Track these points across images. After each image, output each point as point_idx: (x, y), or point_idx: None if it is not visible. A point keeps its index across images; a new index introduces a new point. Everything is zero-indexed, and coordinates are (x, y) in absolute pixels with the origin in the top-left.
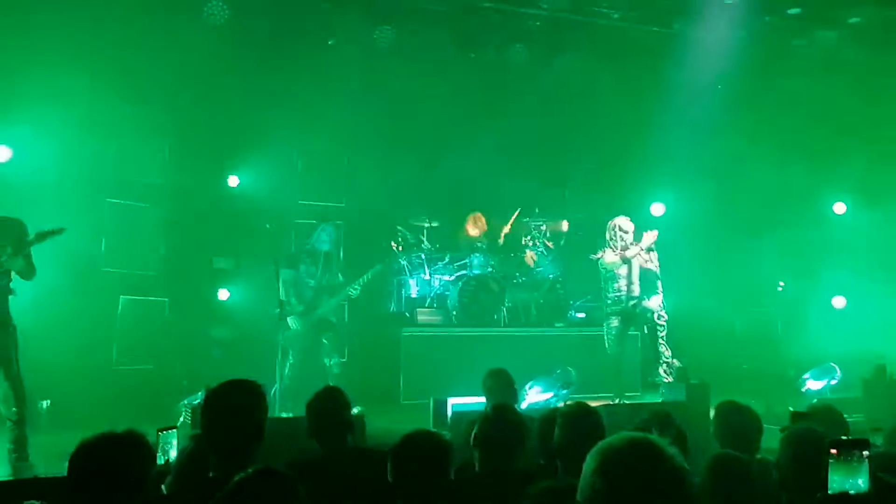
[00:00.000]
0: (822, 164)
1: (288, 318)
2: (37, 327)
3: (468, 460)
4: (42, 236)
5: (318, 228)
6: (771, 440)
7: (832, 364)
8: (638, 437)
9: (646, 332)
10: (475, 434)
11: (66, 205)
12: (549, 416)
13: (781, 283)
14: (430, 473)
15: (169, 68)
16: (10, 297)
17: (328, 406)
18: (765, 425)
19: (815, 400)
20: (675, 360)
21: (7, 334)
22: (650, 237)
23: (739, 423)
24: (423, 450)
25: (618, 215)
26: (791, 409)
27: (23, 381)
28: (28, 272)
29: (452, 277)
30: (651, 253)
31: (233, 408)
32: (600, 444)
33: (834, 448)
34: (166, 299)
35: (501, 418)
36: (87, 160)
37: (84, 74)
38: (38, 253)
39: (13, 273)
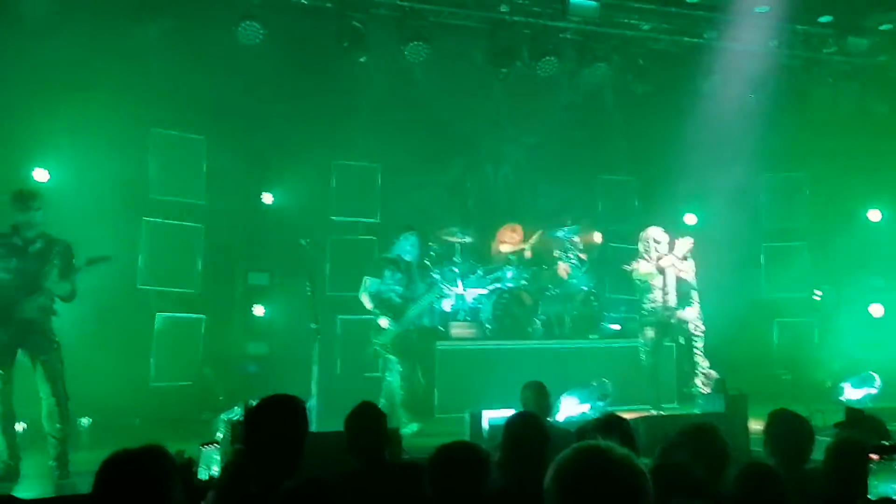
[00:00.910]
0: (857, 171)
1: (379, 320)
2: (76, 345)
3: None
4: (90, 263)
5: (400, 237)
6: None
7: (871, 373)
8: (586, 444)
9: (682, 342)
10: (501, 443)
11: (105, 224)
12: (585, 429)
13: (818, 292)
14: (469, 485)
15: (205, 88)
16: (53, 318)
17: (365, 421)
18: None
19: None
20: (712, 371)
21: (52, 352)
22: (684, 245)
23: (791, 433)
24: (461, 461)
25: (651, 226)
26: (833, 422)
27: (67, 398)
28: (70, 296)
29: (486, 291)
30: (686, 262)
31: (275, 423)
32: (556, 458)
33: (875, 453)
34: (203, 316)
35: (525, 425)
36: (125, 180)
37: (121, 96)
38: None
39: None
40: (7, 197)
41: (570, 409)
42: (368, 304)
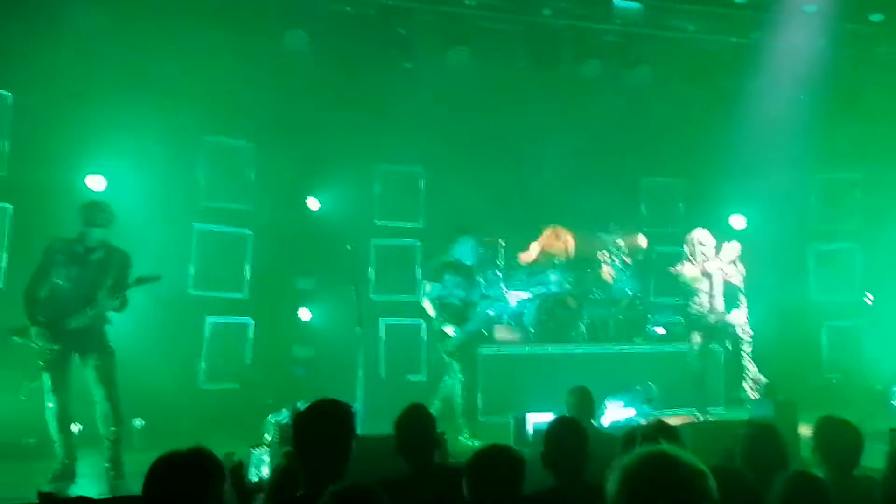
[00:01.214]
0: None
1: (444, 327)
2: (129, 349)
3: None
4: (140, 281)
5: (459, 241)
6: (865, 457)
7: None
8: (654, 450)
9: (729, 347)
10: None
11: (156, 231)
12: (634, 434)
13: (869, 295)
14: (504, 488)
15: (251, 96)
16: (107, 326)
17: (416, 423)
18: None
19: None
20: (760, 376)
21: (106, 357)
22: (732, 250)
23: (841, 439)
24: (496, 465)
25: (697, 228)
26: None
27: (121, 402)
28: (120, 309)
29: (529, 294)
30: (734, 266)
31: (323, 427)
32: (618, 462)
33: None
34: (251, 320)
35: (563, 429)
36: (176, 187)
37: (173, 104)
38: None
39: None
40: (77, 207)
41: (615, 413)
42: (431, 310)
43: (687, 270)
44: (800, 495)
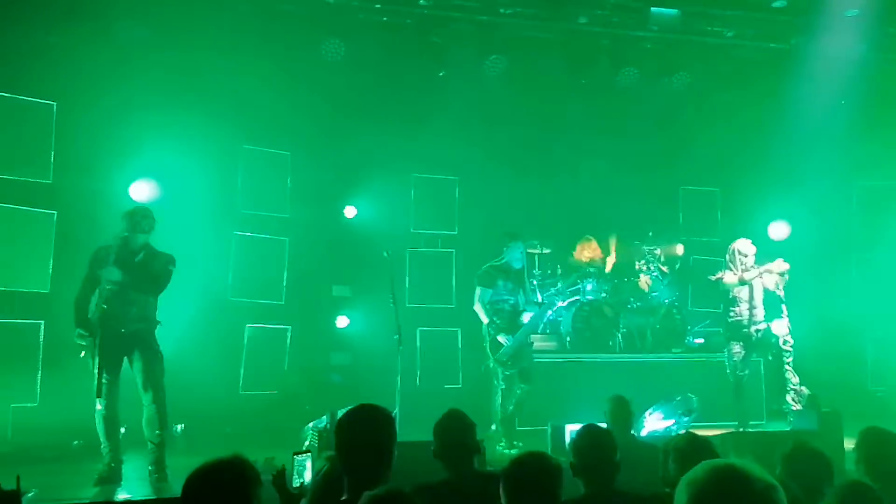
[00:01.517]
0: None
1: (499, 336)
2: (172, 355)
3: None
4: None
5: (510, 246)
6: None
7: None
8: (721, 464)
9: (770, 358)
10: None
11: (197, 238)
12: (668, 446)
13: None
14: (541, 495)
15: (289, 105)
16: (157, 328)
17: (455, 428)
18: None
19: None
20: (803, 388)
21: (156, 360)
22: (779, 267)
23: (885, 450)
24: (533, 472)
25: (737, 237)
26: None
27: (167, 405)
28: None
29: (566, 303)
30: (778, 277)
31: (365, 432)
32: (686, 476)
33: None
34: (289, 327)
35: (590, 439)
36: (217, 195)
37: (211, 114)
38: (172, 286)
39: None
40: (120, 214)
41: (654, 424)
42: (483, 316)
43: (727, 277)
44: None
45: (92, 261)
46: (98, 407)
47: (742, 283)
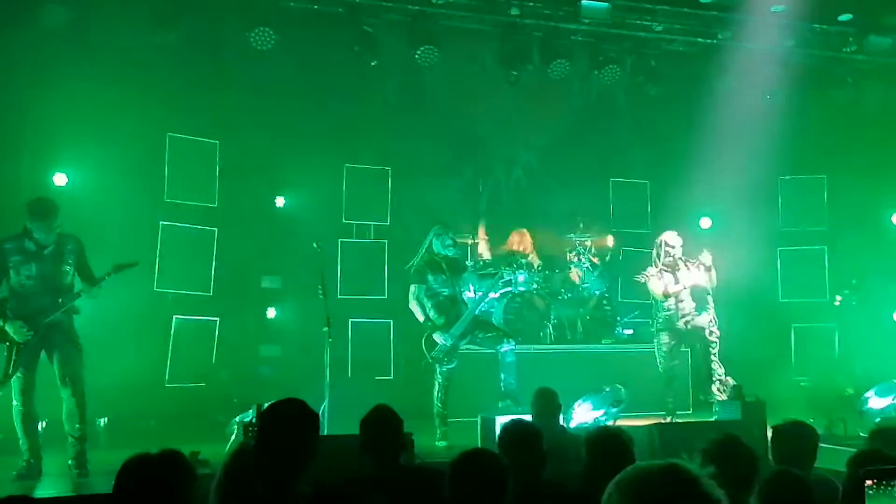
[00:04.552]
0: (879, 174)
1: (434, 335)
2: (94, 346)
3: None
4: (118, 269)
5: (430, 235)
6: (834, 461)
7: None
8: (664, 464)
9: (698, 348)
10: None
11: (122, 228)
12: (590, 437)
13: (839, 297)
14: (490, 493)
15: (219, 93)
16: (75, 316)
17: (383, 423)
18: (828, 445)
19: (879, 420)
20: (728, 378)
21: (76, 352)
22: (705, 258)
23: (794, 439)
24: (482, 469)
25: (665, 230)
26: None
27: (86, 399)
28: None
29: (497, 294)
30: (705, 272)
31: (288, 426)
32: (622, 475)
33: (870, 478)
34: (217, 319)
35: (515, 434)
36: (142, 184)
37: (136, 103)
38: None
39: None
40: (24, 205)
41: (583, 415)
42: (419, 314)
43: (651, 284)
44: (781, 493)
45: None
46: (15, 402)
47: (666, 297)
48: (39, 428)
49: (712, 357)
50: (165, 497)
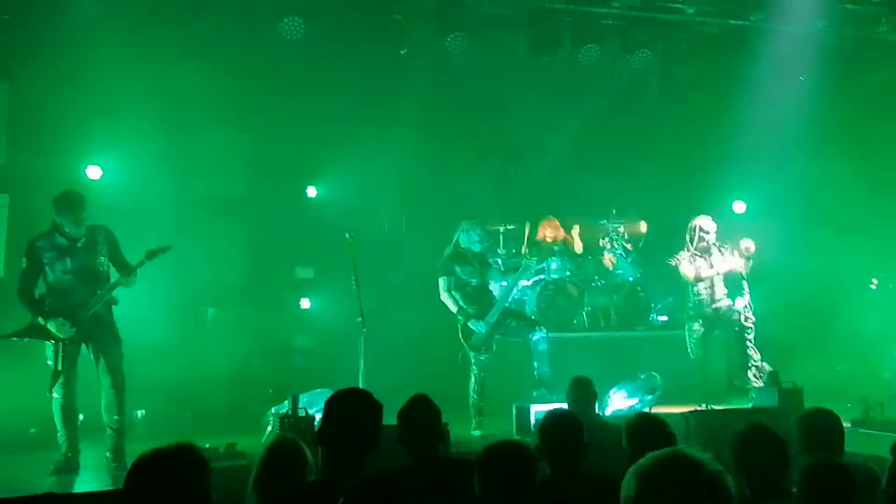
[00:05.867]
0: None
1: (469, 323)
2: (129, 339)
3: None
4: (151, 256)
5: (459, 230)
6: (871, 446)
7: None
8: (669, 452)
9: (733, 334)
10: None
11: (156, 220)
12: (629, 426)
13: (875, 281)
14: (517, 483)
15: (248, 84)
16: (113, 307)
17: (420, 414)
18: (862, 430)
19: None
20: (764, 364)
21: (115, 344)
22: (747, 246)
23: (821, 428)
24: (508, 460)
25: (699, 214)
26: None
27: (125, 391)
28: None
29: (530, 282)
30: (741, 261)
31: (350, 418)
32: (635, 466)
33: None
34: (251, 310)
35: (556, 421)
36: (173, 177)
37: (168, 94)
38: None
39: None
40: (54, 198)
41: (618, 403)
42: (452, 306)
43: (682, 268)
44: (824, 480)
45: (29, 253)
46: (55, 395)
47: (697, 281)
48: (79, 421)
49: (748, 343)
50: (179, 491)
